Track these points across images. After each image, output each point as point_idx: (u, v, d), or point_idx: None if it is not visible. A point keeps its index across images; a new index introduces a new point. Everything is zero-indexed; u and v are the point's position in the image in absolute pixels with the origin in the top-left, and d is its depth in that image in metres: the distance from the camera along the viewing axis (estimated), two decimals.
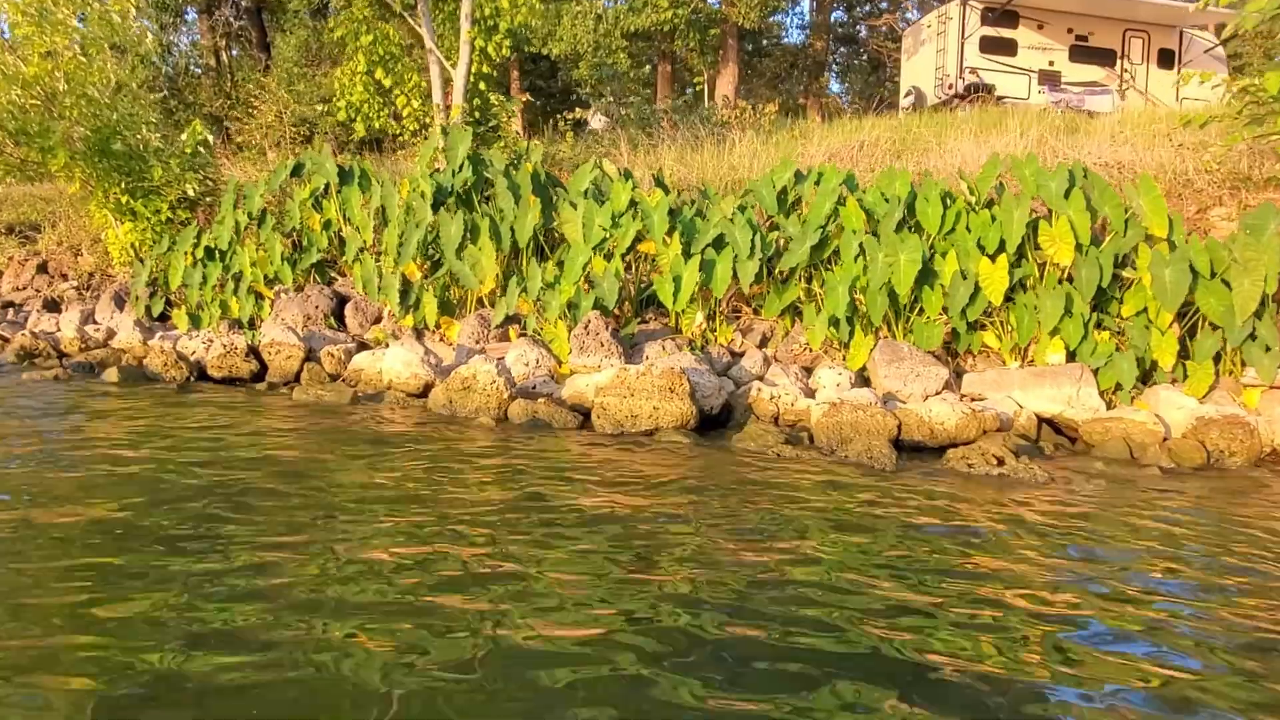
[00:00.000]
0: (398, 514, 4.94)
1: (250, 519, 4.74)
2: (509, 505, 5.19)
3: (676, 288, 8.95)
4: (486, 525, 4.77)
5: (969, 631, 3.61)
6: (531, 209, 9.92)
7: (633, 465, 6.40)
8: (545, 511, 5.09)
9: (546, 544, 4.50)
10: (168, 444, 6.40)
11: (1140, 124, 14.80)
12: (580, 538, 4.62)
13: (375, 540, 4.47)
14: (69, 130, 13.43)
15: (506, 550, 4.38)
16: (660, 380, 7.64)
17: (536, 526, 4.80)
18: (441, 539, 4.53)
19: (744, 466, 6.47)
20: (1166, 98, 21.82)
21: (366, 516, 4.88)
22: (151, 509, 4.83)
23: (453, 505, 5.14)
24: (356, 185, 11.71)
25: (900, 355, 8.33)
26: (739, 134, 16.41)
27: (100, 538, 4.36)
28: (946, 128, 16.02)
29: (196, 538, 4.39)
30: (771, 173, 9.87)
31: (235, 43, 32.20)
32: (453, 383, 8.24)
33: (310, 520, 4.76)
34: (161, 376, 9.76)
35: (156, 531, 4.47)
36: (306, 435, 6.98)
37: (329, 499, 5.20)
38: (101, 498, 5.01)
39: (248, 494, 5.21)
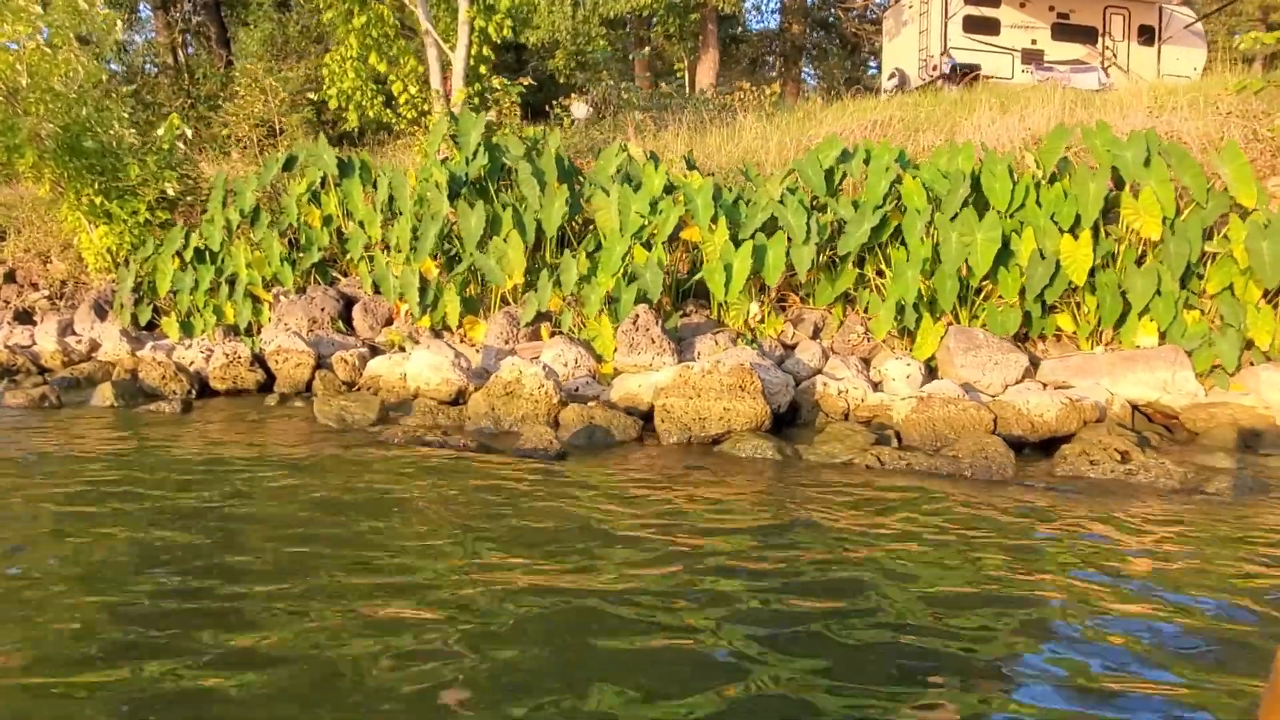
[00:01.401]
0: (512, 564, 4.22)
1: (305, 598, 3.99)
2: (603, 543, 4.48)
3: (728, 277, 8.26)
4: (578, 572, 4.07)
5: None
6: (558, 197, 9.17)
7: (720, 479, 5.72)
8: (651, 551, 4.39)
9: (675, 597, 3.81)
10: (200, 497, 5.60)
11: (1163, 94, 14.29)
12: (701, 602, 3.92)
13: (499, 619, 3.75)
14: (36, 127, 12.44)
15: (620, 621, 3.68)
16: (729, 378, 6.95)
17: (653, 569, 4.10)
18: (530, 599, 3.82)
19: (846, 477, 5.80)
20: (1148, 74, 21.56)
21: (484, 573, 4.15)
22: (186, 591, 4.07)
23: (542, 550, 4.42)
24: (358, 178, 10.88)
25: (976, 342, 7.72)
26: (744, 116, 15.76)
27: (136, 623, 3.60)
28: (956, 105, 15.45)
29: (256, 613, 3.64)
30: (816, 150, 9.20)
31: (194, 39, 30.97)
32: (494, 388, 7.49)
33: (433, 579, 4.03)
34: (160, 391, 8.90)
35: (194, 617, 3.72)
36: (362, 470, 6.21)
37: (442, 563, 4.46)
38: (124, 573, 4.24)
39: (313, 561, 4.46)
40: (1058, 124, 8.68)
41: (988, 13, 21.44)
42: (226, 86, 24.56)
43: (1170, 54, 22.77)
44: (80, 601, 3.52)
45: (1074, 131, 8.45)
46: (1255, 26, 35.87)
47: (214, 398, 9.02)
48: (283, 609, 3.44)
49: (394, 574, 3.86)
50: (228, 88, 24.36)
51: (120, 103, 13.87)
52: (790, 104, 19.46)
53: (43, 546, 4.21)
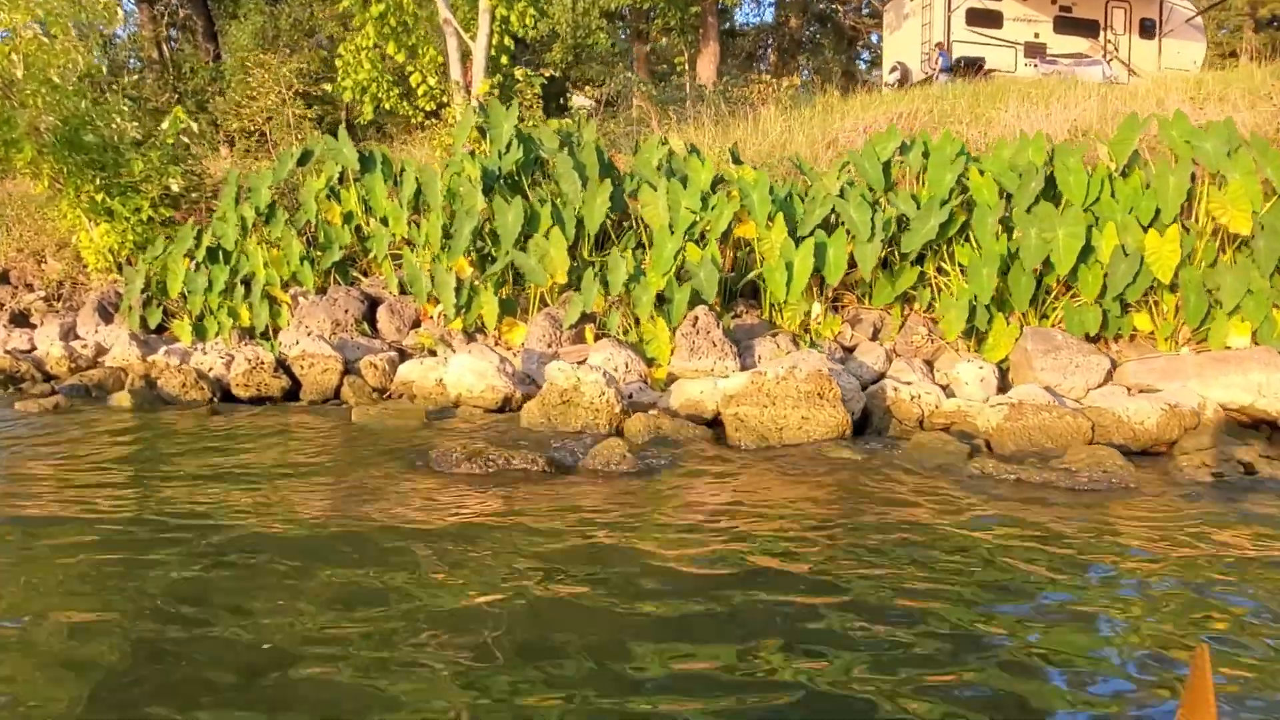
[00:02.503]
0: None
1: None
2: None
3: (789, 276, 7.81)
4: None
5: None
6: (601, 192, 8.69)
7: (817, 493, 5.27)
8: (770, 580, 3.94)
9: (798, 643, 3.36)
10: (253, 526, 5.10)
11: (1195, 85, 13.93)
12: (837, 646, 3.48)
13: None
14: (35, 120, 11.84)
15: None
16: (806, 384, 6.51)
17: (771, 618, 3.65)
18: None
19: (956, 491, 5.36)
20: (1148, 68, 21.40)
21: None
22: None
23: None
24: (379, 172, 10.36)
25: (1055, 344, 7.31)
26: (765, 109, 15.33)
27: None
28: (979, 98, 15.07)
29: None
30: (873, 142, 8.76)
31: (180, 33, 30.25)
32: (548, 396, 7.01)
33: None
34: (180, 399, 8.37)
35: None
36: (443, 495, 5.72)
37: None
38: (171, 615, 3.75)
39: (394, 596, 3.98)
40: (1129, 114, 8.28)
41: (990, 6, 21.19)
42: (215, 81, 23.92)
43: (1171, 47, 22.59)
44: (142, 640, 3.04)
45: (1148, 122, 8.04)
46: (1244, 21, 35.79)
47: (236, 405, 8.48)
48: (358, 664, 2.97)
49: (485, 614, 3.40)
50: (216, 83, 23.72)
51: (121, 95, 13.29)
52: (804, 98, 19.07)
53: (76, 581, 3.71)
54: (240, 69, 21.18)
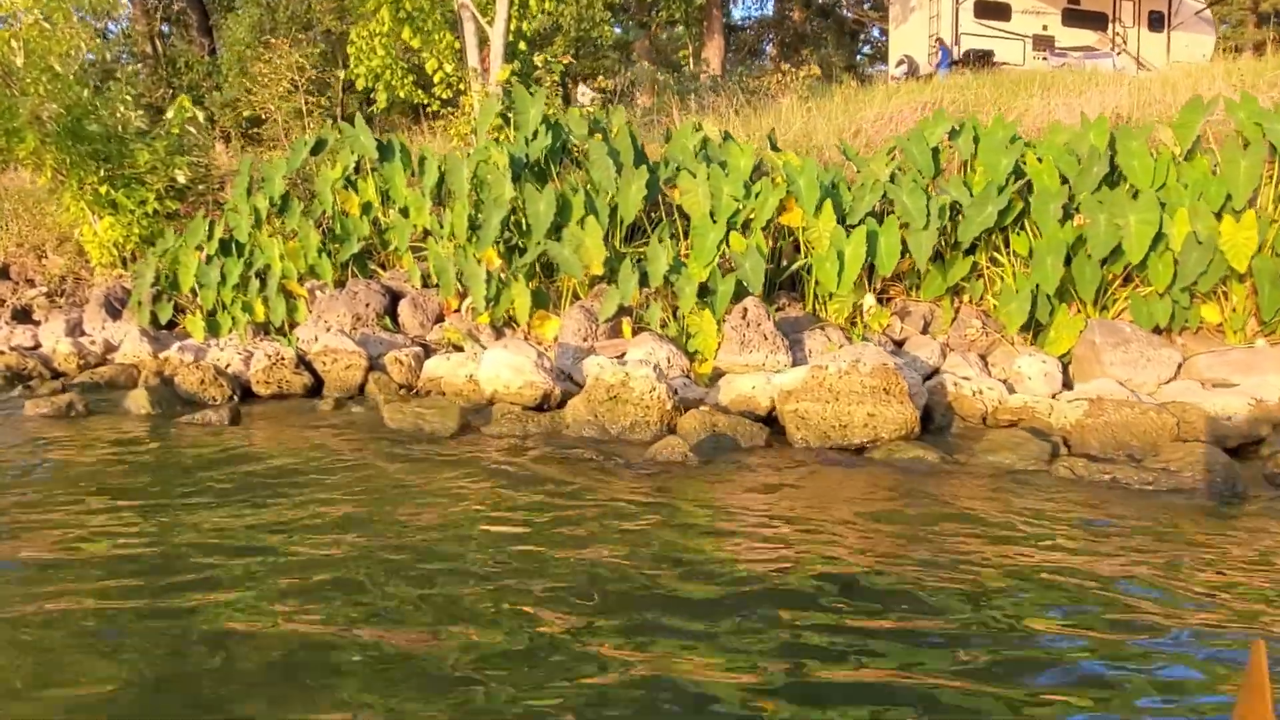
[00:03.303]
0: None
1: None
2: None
3: (840, 266, 7.45)
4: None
5: None
6: (637, 179, 8.31)
7: (893, 495, 4.91)
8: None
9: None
10: (310, 538, 4.71)
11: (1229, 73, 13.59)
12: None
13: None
14: (37, 109, 11.40)
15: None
16: (871, 379, 6.14)
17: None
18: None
19: (1045, 494, 5.00)
20: (1158, 60, 21.14)
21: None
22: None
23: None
24: (398, 161, 9.96)
25: (1125, 337, 6.95)
26: (785, 99, 14.97)
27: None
28: (1002, 88, 14.72)
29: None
30: (921, 126, 8.40)
31: (175, 27, 29.76)
32: (595, 393, 6.63)
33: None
34: (199, 398, 7.96)
35: None
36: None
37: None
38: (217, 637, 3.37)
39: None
40: (1193, 96, 7.92)
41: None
42: (211, 76, 23.49)
43: (1180, 40, 22.32)
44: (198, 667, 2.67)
45: (1213, 104, 7.69)
46: (1246, 16, 35.55)
47: (256, 403, 8.09)
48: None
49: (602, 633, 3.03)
50: (212, 77, 23.29)
51: (124, 84, 12.85)
52: (821, 88, 18.72)
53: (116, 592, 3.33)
54: (238, 62, 20.73)
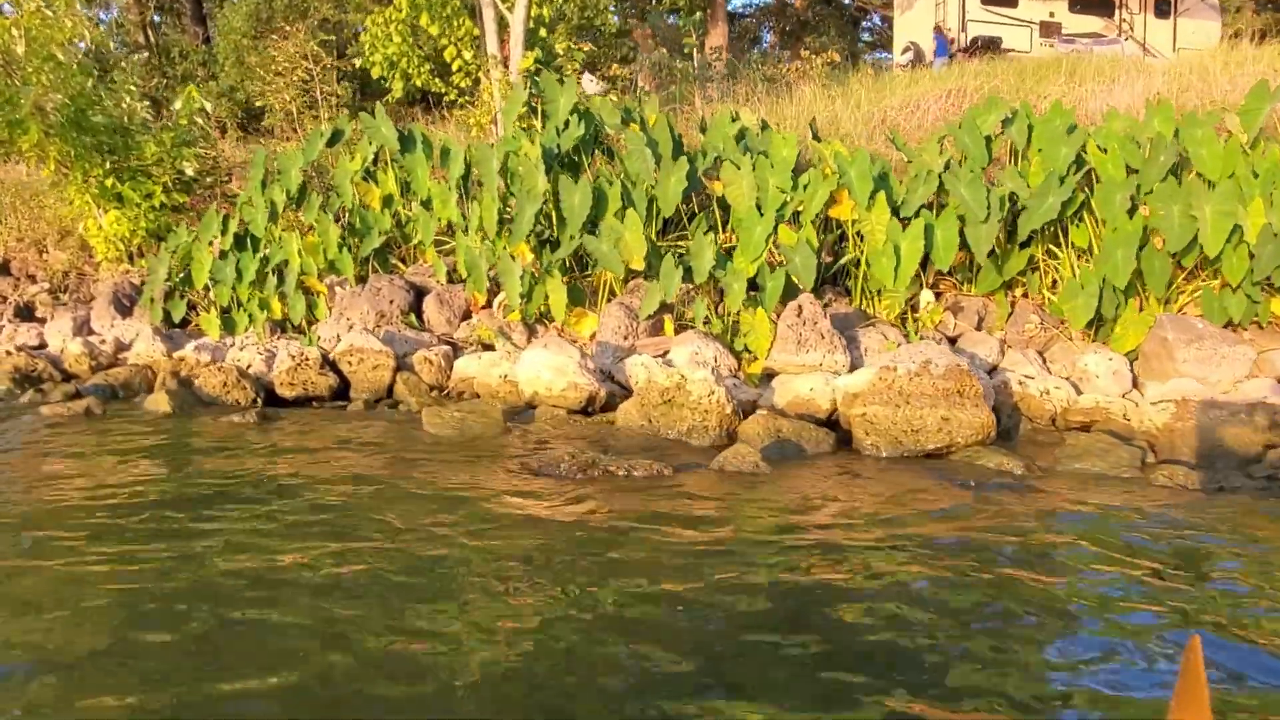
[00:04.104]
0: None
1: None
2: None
3: (897, 260, 7.12)
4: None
5: None
6: (676, 170, 7.97)
7: (985, 509, 4.59)
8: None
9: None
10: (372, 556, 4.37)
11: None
12: None
13: None
14: (40, 99, 10.98)
15: None
16: (944, 381, 5.83)
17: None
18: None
19: (1162, 513, 4.69)
20: (1164, 47, 20.92)
21: None
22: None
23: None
24: (421, 152, 9.59)
25: (1198, 333, 6.64)
26: (803, 87, 14.63)
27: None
28: (1024, 75, 14.42)
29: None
30: (973, 114, 8.07)
31: (167, 16, 29.22)
32: (648, 395, 6.30)
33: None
34: (220, 400, 7.61)
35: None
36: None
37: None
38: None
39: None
40: (1259, 80, 7.60)
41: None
42: (206, 66, 23.05)
43: (1186, 27, 22.10)
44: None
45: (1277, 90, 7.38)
46: (1244, 3, 35.29)
47: (282, 406, 7.73)
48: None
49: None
50: (208, 67, 22.84)
51: (130, 73, 12.44)
52: (838, 75, 18.40)
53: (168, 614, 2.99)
54: (234, 51, 20.26)
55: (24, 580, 3.63)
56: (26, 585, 3.57)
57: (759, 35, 36.72)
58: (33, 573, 3.71)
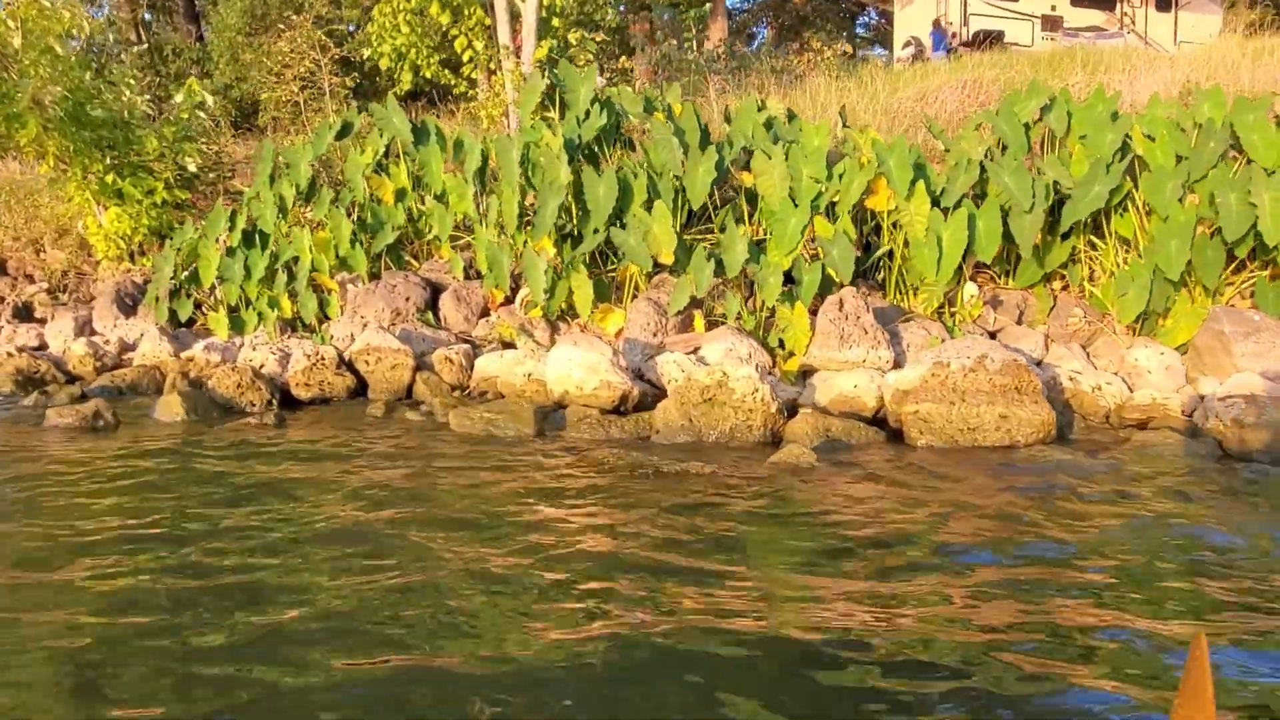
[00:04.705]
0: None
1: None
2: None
3: (939, 253, 6.87)
4: None
5: None
6: (705, 160, 7.70)
7: (1067, 512, 4.34)
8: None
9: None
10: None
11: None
12: None
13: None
14: (39, 93, 10.65)
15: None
16: (1001, 377, 5.58)
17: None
18: None
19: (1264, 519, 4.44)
20: (1165, 41, 20.80)
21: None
22: None
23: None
24: (435, 144, 9.30)
25: (1255, 326, 6.40)
26: (815, 78, 14.39)
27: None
28: (1038, 66, 14.22)
29: None
30: (1010, 101, 7.81)
31: (158, 14, 28.84)
32: (688, 394, 6.03)
33: None
34: (237, 403, 7.31)
35: None
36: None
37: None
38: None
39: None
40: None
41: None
42: (200, 63, 22.74)
43: (1187, 20, 22.00)
44: None
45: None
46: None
47: (298, 408, 7.45)
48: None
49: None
50: (201, 64, 22.52)
51: (130, 65, 12.11)
52: (848, 67, 18.17)
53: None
54: (229, 48, 19.95)
55: (38, 588, 3.35)
56: (42, 593, 3.29)
57: (753, 32, 36.51)
58: (49, 579, 3.42)
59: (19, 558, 3.78)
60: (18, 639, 2.98)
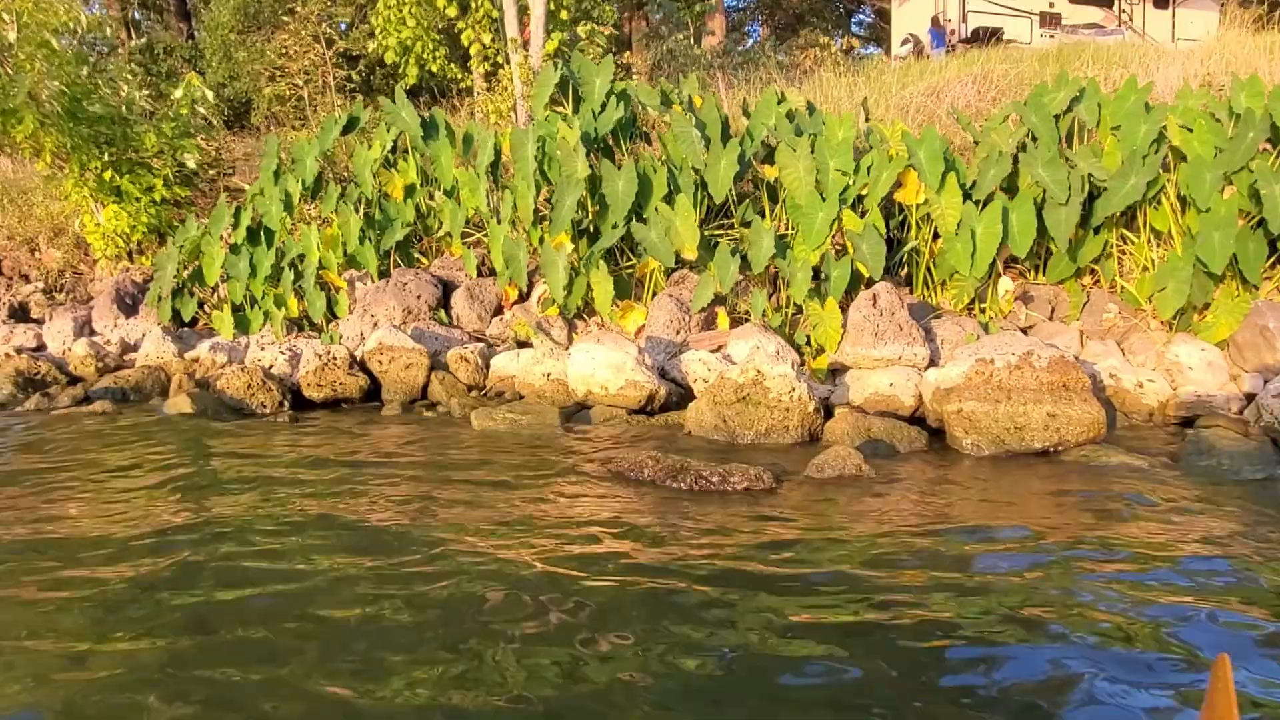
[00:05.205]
0: None
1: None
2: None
3: (973, 247, 6.68)
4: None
5: None
6: (727, 153, 7.49)
7: (1137, 518, 4.15)
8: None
9: None
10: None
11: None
12: None
13: None
14: (36, 87, 10.38)
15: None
16: (1049, 374, 5.39)
17: None
18: None
19: None
20: (1162, 38, 20.73)
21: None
22: None
23: None
24: (445, 139, 9.06)
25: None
26: (822, 73, 14.21)
27: None
28: (1047, 61, 14.06)
29: None
30: (1038, 92, 7.62)
31: (147, 11, 28.54)
32: (721, 393, 5.82)
33: None
34: (245, 404, 7.07)
35: None
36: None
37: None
38: None
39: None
40: None
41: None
42: (192, 62, 22.50)
43: (1184, 17, 21.95)
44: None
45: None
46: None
47: (311, 410, 7.21)
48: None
49: None
50: (193, 63, 22.27)
51: (128, 60, 11.84)
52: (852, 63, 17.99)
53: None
54: (222, 46, 19.67)
55: (57, 600, 3.12)
56: (66, 599, 3.06)
57: (748, 30, 36.35)
58: (68, 593, 3.20)
59: (39, 562, 3.55)
60: (34, 648, 2.76)
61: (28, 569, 3.54)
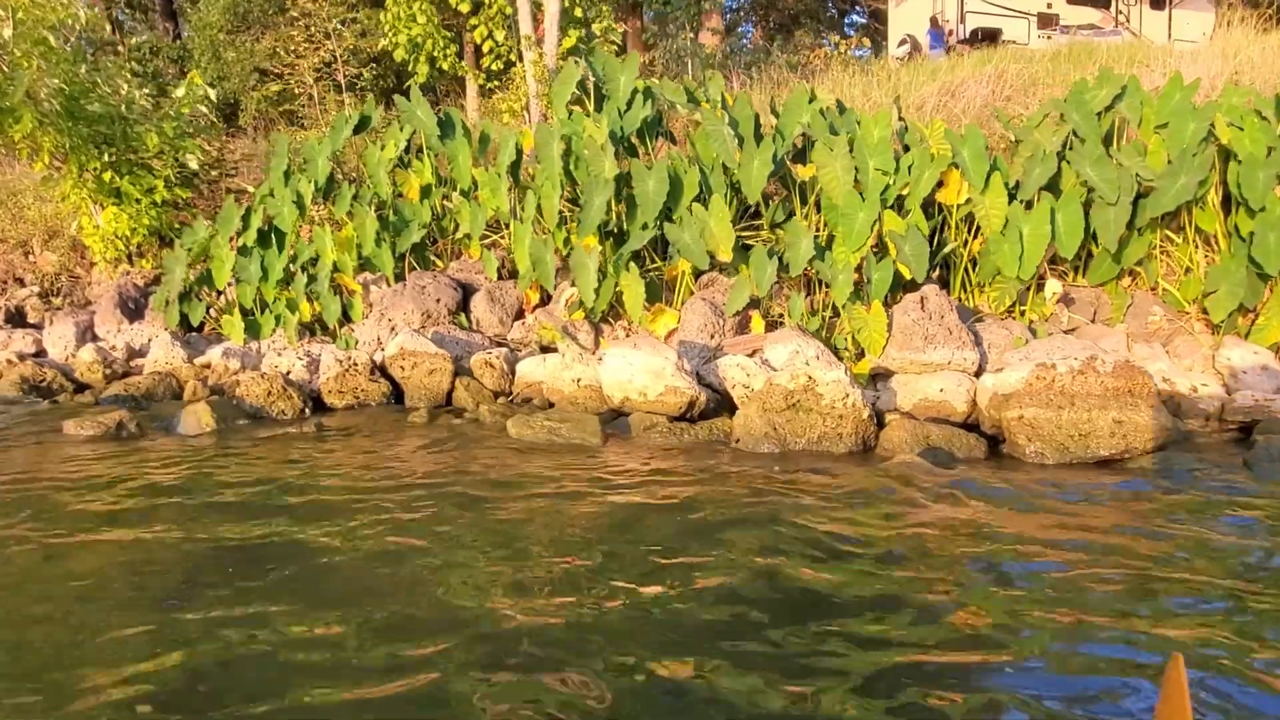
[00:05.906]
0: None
1: None
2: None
3: (1021, 248, 6.50)
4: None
5: None
6: (761, 153, 7.29)
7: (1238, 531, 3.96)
8: None
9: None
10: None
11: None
12: None
13: None
14: (34, 85, 10.07)
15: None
16: (1114, 380, 5.20)
17: None
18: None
19: None
20: (1159, 39, 20.74)
21: None
22: None
23: None
24: (462, 138, 8.82)
25: None
26: (832, 72, 14.06)
27: None
28: (1058, 61, 13.94)
29: None
30: (1079, 89, 7.45)
31: (132, 11, 28.14)
32: (770, 400, 5.61)
33: None
34: (267, 411, 6.81)
35: None
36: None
37: None
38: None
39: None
40: None
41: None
42: (179, 63, 22.20)
43: (1181, 18, 21.97)
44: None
45: None
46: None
47: (333, 416, 6.96)
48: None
49: None
50: (181, 63, 21.97)
51: (126, 57, 11.54)
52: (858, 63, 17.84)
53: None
54: (210, 47, 19.35)
55: (90, 615, 2.88)
56: (105, 616, 2.82)
57: (741, 31, 36.23)
58: (112, 601, 2.95)
59: (74, 578, 3.30)
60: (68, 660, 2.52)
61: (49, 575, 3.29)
